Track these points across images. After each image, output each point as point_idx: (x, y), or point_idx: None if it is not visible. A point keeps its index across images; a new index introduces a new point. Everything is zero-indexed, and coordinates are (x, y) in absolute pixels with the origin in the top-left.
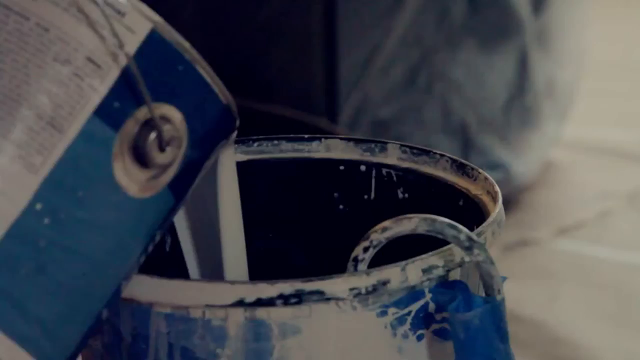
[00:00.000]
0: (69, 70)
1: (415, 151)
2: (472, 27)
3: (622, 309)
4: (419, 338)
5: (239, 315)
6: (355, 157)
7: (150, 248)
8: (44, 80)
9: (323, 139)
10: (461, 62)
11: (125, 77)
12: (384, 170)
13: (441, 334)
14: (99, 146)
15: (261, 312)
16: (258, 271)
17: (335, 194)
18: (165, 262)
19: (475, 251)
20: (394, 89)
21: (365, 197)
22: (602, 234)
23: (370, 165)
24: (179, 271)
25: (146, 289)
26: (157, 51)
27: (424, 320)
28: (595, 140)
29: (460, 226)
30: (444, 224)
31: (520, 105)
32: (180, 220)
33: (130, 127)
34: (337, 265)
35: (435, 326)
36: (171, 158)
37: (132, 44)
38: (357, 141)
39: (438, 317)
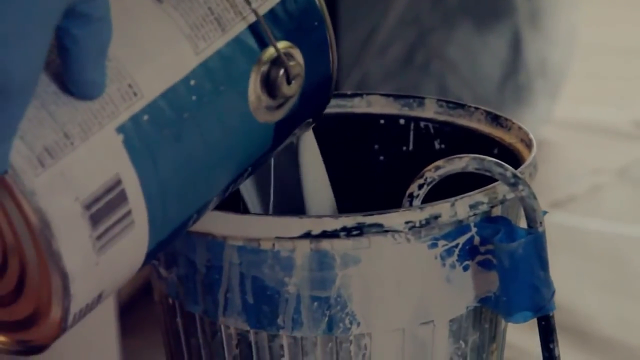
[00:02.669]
0: None
1: (451, 105)
2: (467, 7)
3: (614, 277)
4: (465, 268)
5: (305, 247)
6: (395, 111)
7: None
8: None
9: (364, 95)
10: (457, 42)
11: (278, 8)
12: (422, 124)
13: (485, 265)
14: (246, 56)
15: (325, 244)
16: None
17: (376, 146)
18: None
19: (520, 187)
20: (392, 68)
21: (404, 148)
22: (594, 208)
23: (408, 118)
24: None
25: (220, 223)
26: (304, 1)
27: (469, 252)
28: (586, 118)
29: (506, 165)
30: (492, 162)
31: (513, 83)
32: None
33: (270, 53)
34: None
35: (479, 257)
36: (294, 92)
37: None
38: (396, 97)
39: (482, 249)
